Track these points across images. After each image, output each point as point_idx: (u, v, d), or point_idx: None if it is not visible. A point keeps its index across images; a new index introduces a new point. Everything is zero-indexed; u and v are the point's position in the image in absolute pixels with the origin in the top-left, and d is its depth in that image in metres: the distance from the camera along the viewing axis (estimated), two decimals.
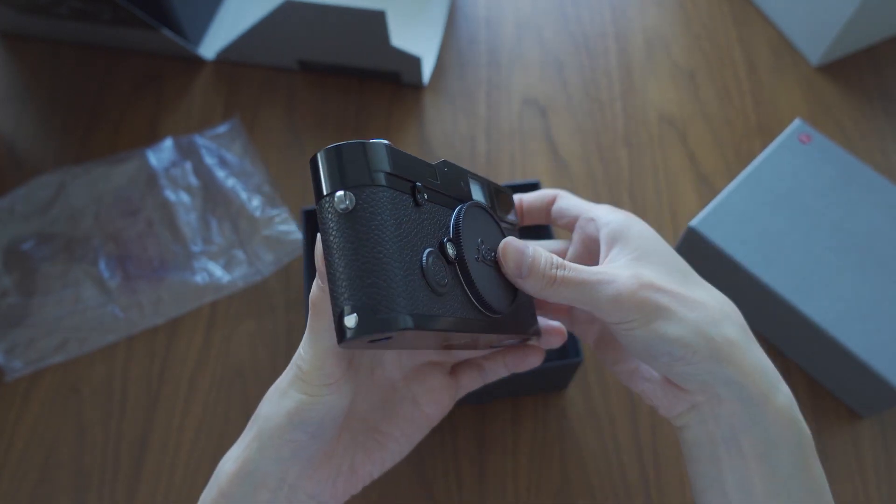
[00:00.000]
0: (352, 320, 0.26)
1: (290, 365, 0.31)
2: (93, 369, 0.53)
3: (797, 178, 0.53)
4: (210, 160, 0.61)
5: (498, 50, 0.69)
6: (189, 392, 0.52)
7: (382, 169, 0.28)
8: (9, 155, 0.63)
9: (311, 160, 0.28)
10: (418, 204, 0.29)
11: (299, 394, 0.30)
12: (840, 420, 0.51)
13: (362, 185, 0.27)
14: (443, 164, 0.33)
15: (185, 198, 0.59)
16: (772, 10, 0.69)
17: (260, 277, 0.57)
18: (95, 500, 0.49)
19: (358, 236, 0.27)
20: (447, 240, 0.30)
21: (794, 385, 0.52)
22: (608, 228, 0.35)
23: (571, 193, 0.40)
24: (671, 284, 0.32)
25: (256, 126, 0.64)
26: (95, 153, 0.62)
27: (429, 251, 0.29)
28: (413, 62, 0.62)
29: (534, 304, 0.37)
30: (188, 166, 0.61)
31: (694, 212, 0.59)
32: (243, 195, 0.60)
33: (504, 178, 0.61)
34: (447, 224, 0.31)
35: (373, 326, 0.26)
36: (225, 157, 0.61)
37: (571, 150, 0.63)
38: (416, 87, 0.66)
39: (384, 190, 0.27)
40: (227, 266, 0.57)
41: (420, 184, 0.29)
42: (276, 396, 0.31)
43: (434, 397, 0.36)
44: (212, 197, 0.60)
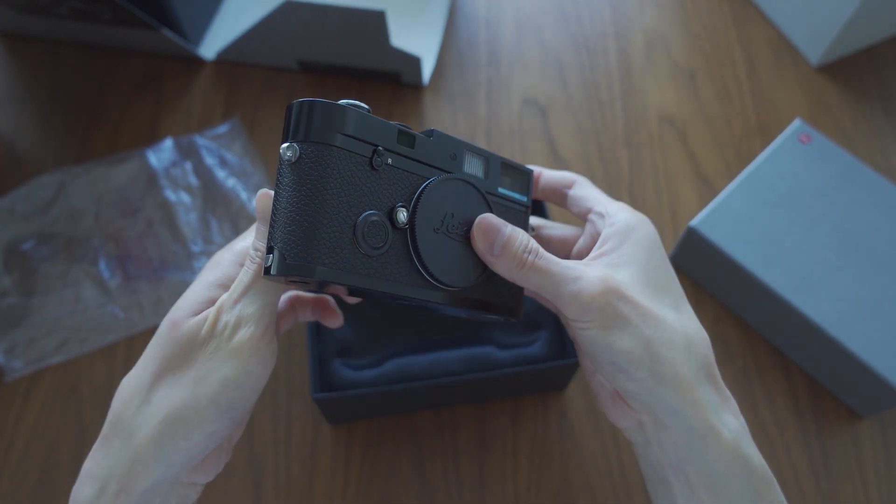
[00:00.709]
0: (271, 259, 0.29)
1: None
2: (93, 369, 0.53)
3: (797, 178, 0.53)
4: (210, 160, 0.61)
5: (498, 50, 0.69)
6: None
7: (340, 130, 0.29)
8: (9, 155, 0.63)
9: (287, 106, 0.30)
10: (374, 168, 0.30)
11: (225, 365, 0.31)
12: (840, 420, 0.51)
13: (315, 141, 0.29)
14: (429, 132, 0.33)
15: (185, 198, 0.59)
16: (772, 10, 0.69)
17: None
18: None
19: (296, 185, 0.29)
20: (399, 205, 0.31)
21: (794, 385, 0.52)
22: (612, 228, 0.35)
23: (591, 183, 0.40)
24: (639, 296, 0.31)
25: (256, 126, 0.64)
26: (95, 153, 0.62)
27: (370, 213, 0.30)
28: (413, 62, 0.62)
29: (521, 288, 0.36)
30: (188, 166, 0.61)
31: (694, 212, 0.59)
32: (243, 195, 0.60)
33: None
34: (412, 192, 0.32)
35: (285, 269, 0.29)
36: (225, 157, 0.62)
37: (571, 150, 0.63)
38: (416, 87, 0.66)
39: (333, 149, 0.29)
40: None
41: (382, 148, 0.31)
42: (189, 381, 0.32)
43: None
44: (212, 197, 0.60)
